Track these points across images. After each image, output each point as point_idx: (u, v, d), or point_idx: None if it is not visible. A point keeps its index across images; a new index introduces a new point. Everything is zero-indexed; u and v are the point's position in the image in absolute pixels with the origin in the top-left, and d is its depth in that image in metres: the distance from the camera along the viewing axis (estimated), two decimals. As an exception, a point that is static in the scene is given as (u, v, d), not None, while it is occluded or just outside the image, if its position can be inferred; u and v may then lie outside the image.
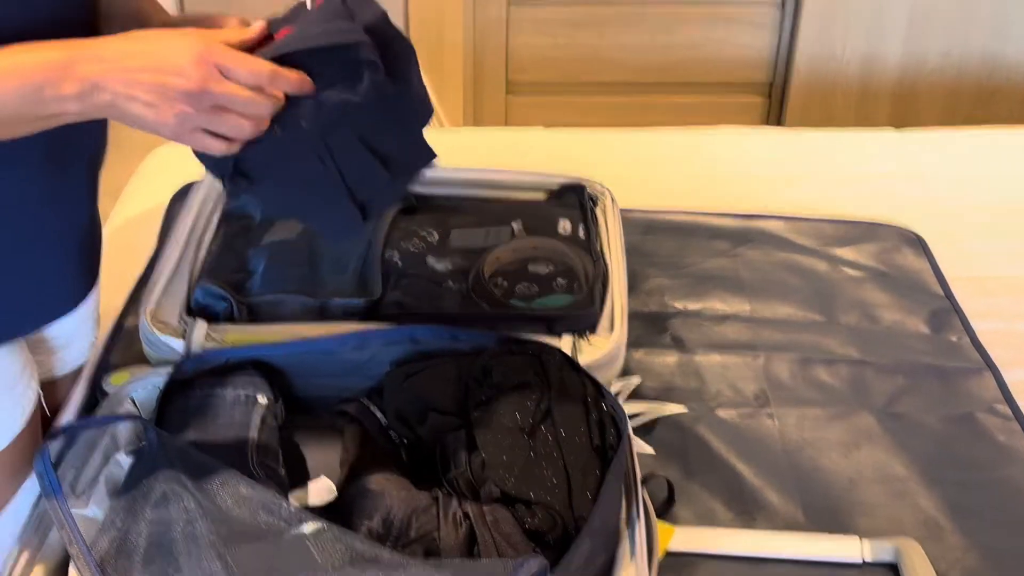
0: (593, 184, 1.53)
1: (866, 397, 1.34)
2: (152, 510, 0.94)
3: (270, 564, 0.89)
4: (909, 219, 1.69)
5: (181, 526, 0.92)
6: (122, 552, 0.92)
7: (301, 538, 0.91)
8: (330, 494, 1.05)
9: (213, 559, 0.89)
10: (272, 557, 0.90)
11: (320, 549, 0.90)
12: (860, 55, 2.46)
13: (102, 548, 0.92)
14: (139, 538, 0.93)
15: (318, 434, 1.16)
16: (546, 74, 2.51)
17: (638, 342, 1.40)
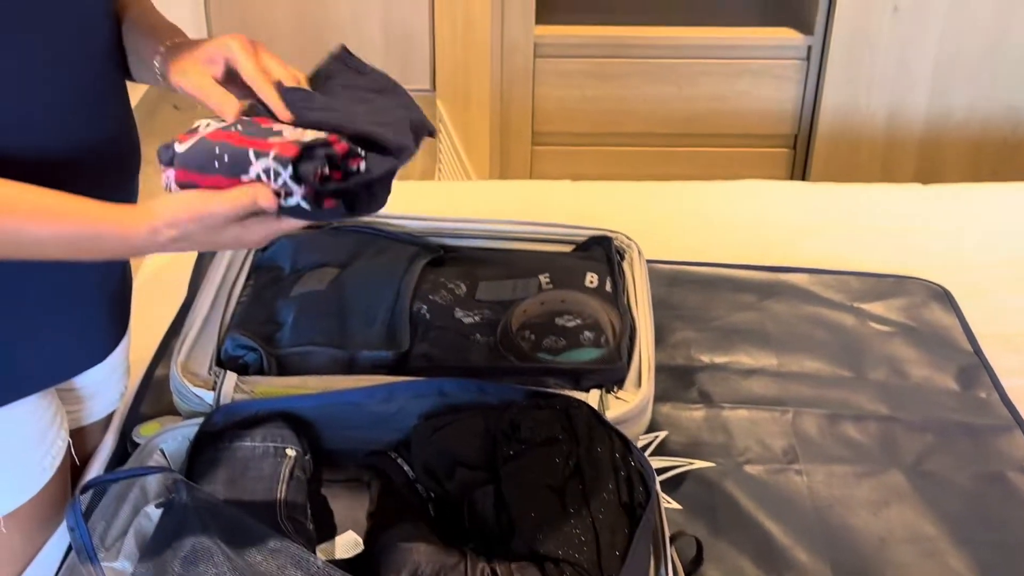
0: (619, 237, 1.54)
1: (895, 454, 1.33)
2: (181, 565, 0.94)
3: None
4: (936, 273, 1.69)
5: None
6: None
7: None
8: (357, 548, 1.05)
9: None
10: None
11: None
12: (885, 108, 2.47)
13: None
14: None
15: (345, 487, 1.16)
16: (571, 125, 2.52)
17: (665, 396, 1.40)
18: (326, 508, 1.13)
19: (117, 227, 0.91)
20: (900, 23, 2.38)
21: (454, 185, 2.44)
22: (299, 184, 0.89)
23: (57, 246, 0.91)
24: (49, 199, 0.90)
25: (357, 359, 1.28)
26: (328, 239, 1.48)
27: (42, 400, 1.09)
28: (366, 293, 1.37)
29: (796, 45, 2.45)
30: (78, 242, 0.91)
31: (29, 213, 0.89)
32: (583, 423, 1.09)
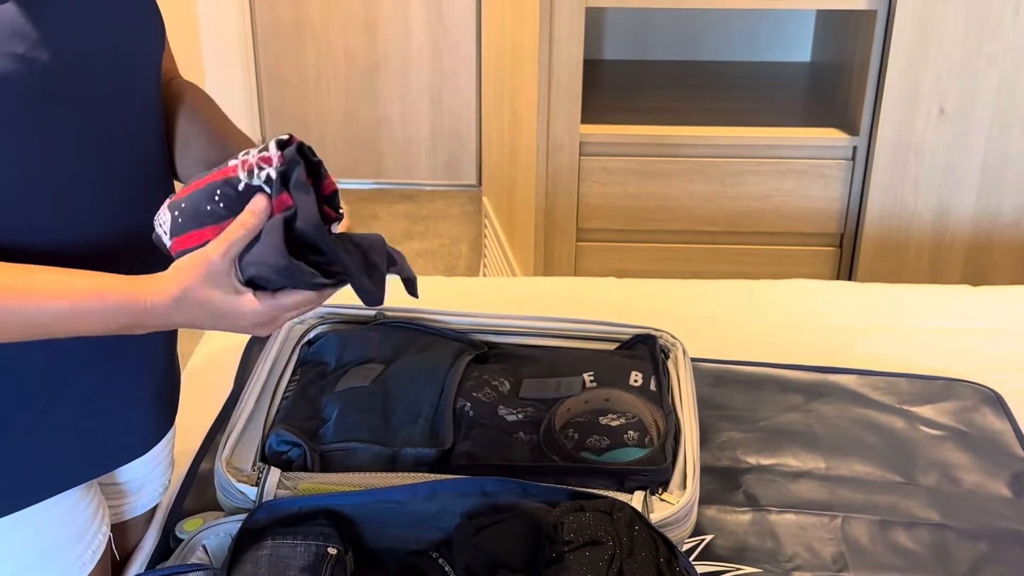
0: (664, 335, 1.53)
1: (948, 563, 1.30)
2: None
3: None
4: (988, 377, 1.66)
5: None
6: None
7: None
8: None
9: None
10: None
11: None
12: (932, 209, 2.47)
13: None
14: None
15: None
16: (616, 222, 2.54)
17: (710, 498, 1.38)
18: (366, 608, 1.12)
19: (127, 296, 0.91)
20: (946, 124, 2.39)
21: (499, 281, 2.45)
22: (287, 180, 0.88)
23: (68, 319, 0.91)
24: (64, 276, 0.91)
25: (400, 456, 1.28)
26: (373, 335, 1.49)
27: (85, 493, 1.10)
28: (410, 390, 1.37)
29: (842, 145, 2.46)
30: (87, 314, 0.91)
31: (43, 293, 0.90)
32: (626, 525, 1.08)
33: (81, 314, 0.91)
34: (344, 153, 4.09)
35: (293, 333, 1.50)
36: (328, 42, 3.95)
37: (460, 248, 3.66)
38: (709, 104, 2.68)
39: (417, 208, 3.95)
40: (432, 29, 3.91)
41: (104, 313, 0.91)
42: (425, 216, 3.88)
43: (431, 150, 4.07)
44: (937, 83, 2.35)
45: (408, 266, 0.98)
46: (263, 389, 1.37)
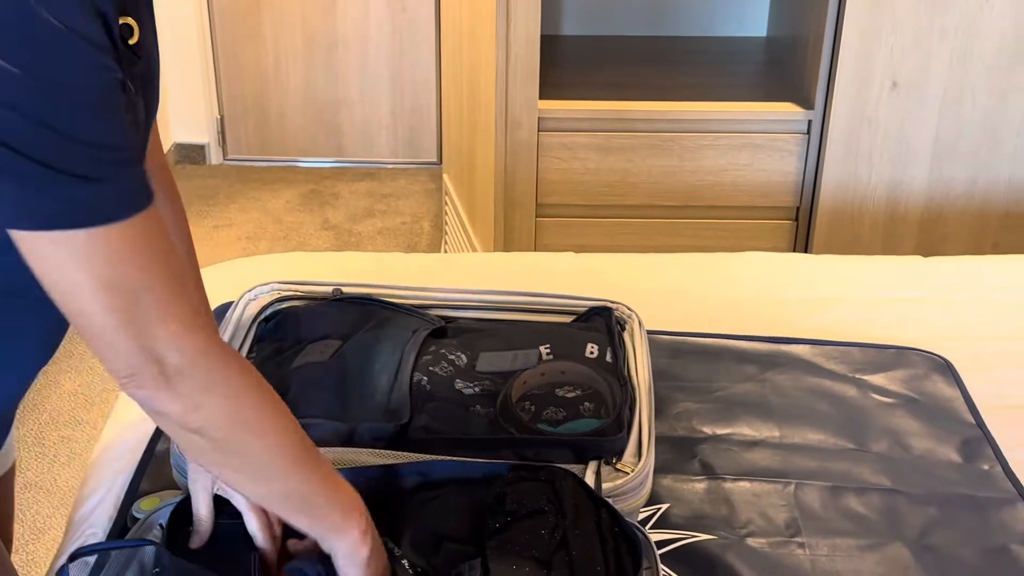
0: (620, 307, 1.54)
1: (899, 527, 1.32)
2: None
3: None
4: (938, 345, 1.69)
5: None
6: None
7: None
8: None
9: None
10: None
11: None
12: (886, 181, 2.50)
13: None
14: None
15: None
16: (575, 198, 2.55)
17: (666, 468, 1.39)
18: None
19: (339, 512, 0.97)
20: (899, 98, 2.42)
21: (458, 257, 2.46)
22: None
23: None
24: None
25: (358, 431, 1.28)
26: (330, 311, 1.49)
27: None
28: (367, 365, 1.38)
29: (797, 119, 2.48)
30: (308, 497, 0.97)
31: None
32: (569, 494, 1.08)
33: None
34: (304, 132, 4.07)
35: (249, 310, 1.50)
36: (286, 21, 3.92)
37: (422, 225, 3.66)
38: (667, 79, 2.69)
39: (378, 186, 3.94)
40: (391, 7, 3.89)
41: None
42: (386, 194, 3.88)
43: (391, 128, 4.06)
44: (890, 57, 2.38)
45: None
46: (219, 366, 1.36)
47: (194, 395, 0.86)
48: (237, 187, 3.91)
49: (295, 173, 4.02)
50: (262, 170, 4.04)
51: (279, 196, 3.85)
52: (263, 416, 0.92)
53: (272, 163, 4.09)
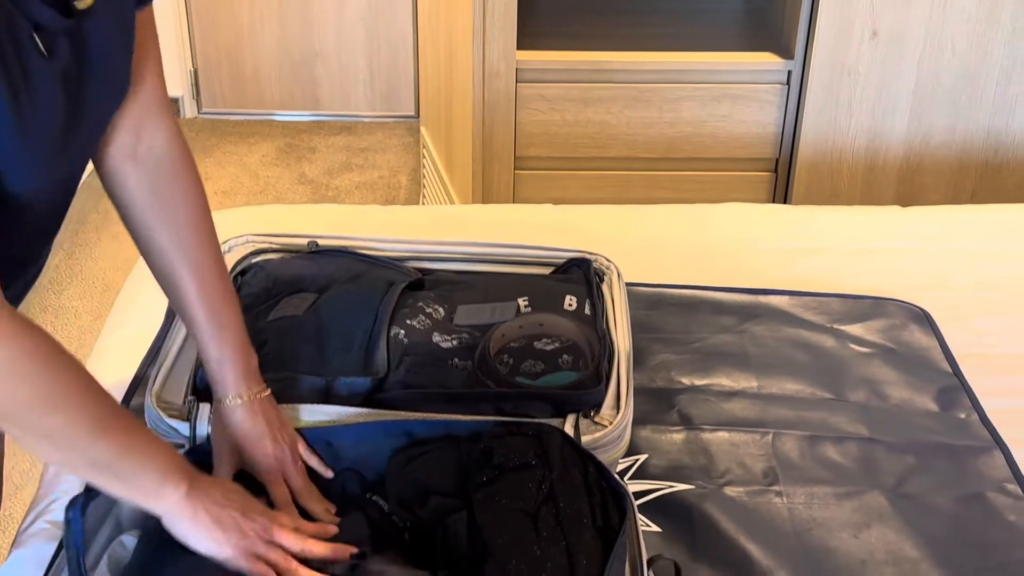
0: (599, 259, 1.54)
1: (876, 476, 1.33)
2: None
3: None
4: (916, 295, 1.69)
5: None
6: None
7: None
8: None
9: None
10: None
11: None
12: (865, 132, 2.49)
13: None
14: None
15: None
16: (554, 150, 2.53)
17: (645, 419, 1.39)
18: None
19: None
20: (878, 48, 2.40)
21: (436, 209, 2.44)
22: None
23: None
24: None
25: (334, 386, 1.27)
26: (306, 264, 1.47)
27: None
28: (343, 319, 1.37)
29: (776, 70, 2.46)
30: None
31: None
32: (556, 449, 1.08)
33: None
34: (280, 86, 4.02)
35: (224, 264, 1.48)
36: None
37: (399, 179, 3.63)
38: (646, 30, 2.66)
39: (355, 140, 3.90)
40: (366, -44, 3.83)
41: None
42: (364, 148, 3.84)
43: (368, 81, 4.01)
44: (870, 6, 2.36)
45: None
46: (194, 321, 1.35)
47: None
48: (212, 141, 3.86)
49: (271, 127, 3.97)
50: (237, 124, 3.99)
51: (255, 150, 3.81)
52: (54, 393, 0.89)
53: (248, 117, 4.03)
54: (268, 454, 1.11)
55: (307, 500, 1.12)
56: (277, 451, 1.12)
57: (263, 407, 1.13)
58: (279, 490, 1.11)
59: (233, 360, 1.12)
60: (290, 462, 1.12)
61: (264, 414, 1.13)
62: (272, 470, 1.11)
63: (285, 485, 1.12)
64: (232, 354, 1.12)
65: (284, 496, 1.11)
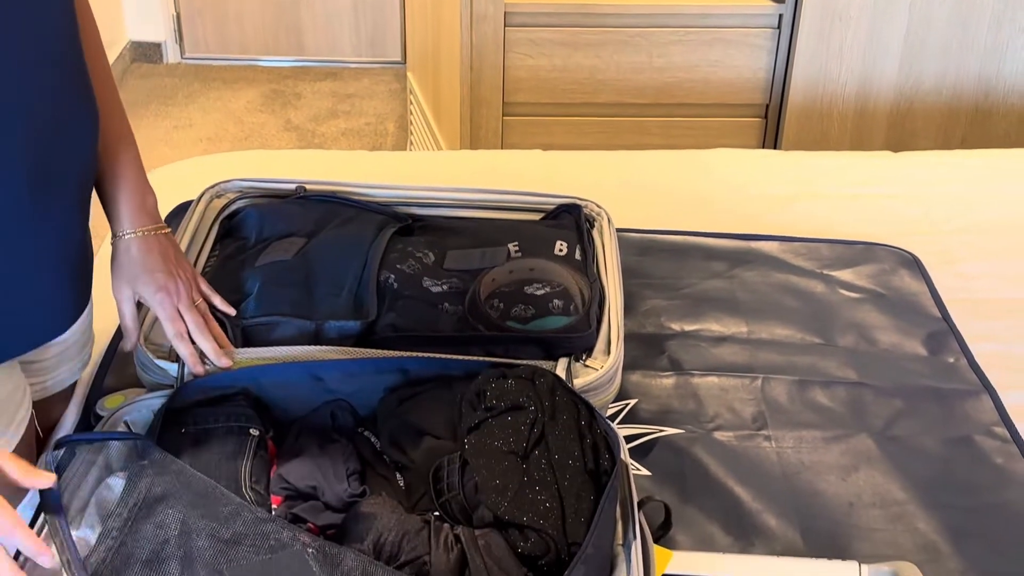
0: (590, 204, 1.53)
1: (864, 419, 1.34)
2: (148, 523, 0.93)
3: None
4: (906, 240, 1.69)
5: (177, 536, 0.92)
6: (117, 563, 0.91)
7: (301, 552, 0.91)
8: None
9: (212, 571, 0.89)
10: (270, 567, 0.89)
11: (320, 563, 0.90)
12: (856, 77, 2.47)
13: (97, 560, 0.92)
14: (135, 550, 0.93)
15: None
16: (542, 96, 2.51)
17: (635, 364, 1.39)
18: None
19: None
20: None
21: (425, 155, 2.42)
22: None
23: None
24: None
25: (323, 329, 1.26)
26: (295, 209, 1.46)
27: (5, 372, 1.08)
28: (333, 263, 1.36)
29: (768, 13, 2.44)
30: None
31: None
32: (548, 392, 1.08)
33: None
34: (263, 30, 3.97)
35: (212, 207, 1.47)
36: (242, -88, 3.79)
37: (386, 126, 3.60)
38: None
39: (342, 86, 3.86)
40: (351, -103, 3.76)
41: None
42: (350, 94, 3.80)
43: (354, 26, 3.97)
44: (863, -51, 2.33)
45: None
46: (181, 265, 1.34)
47: None
48: (196, 87, 3.82)
49: (255, 72, 3.93)
50: (221, 69, 3.95)
51: (240, 96, 3.77)
52: None
53: (232, 62, 3.99)
54: (161, 286, 1.13)
55: (201, 336, 1.14)
56: (171, 284, 1.13)
57: (159, 242, 1.15)
58: (174, 326, 1.13)
59: (128, 197, 1.14)
60: (186, 296, 1.14)
61: (160, 249, 1.14)
62: (166, 304, 1.13)
63: (181, 321, 1.14)
64: (126, 191, 1.14)
65: (180, 331, 1.13)
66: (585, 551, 0.93)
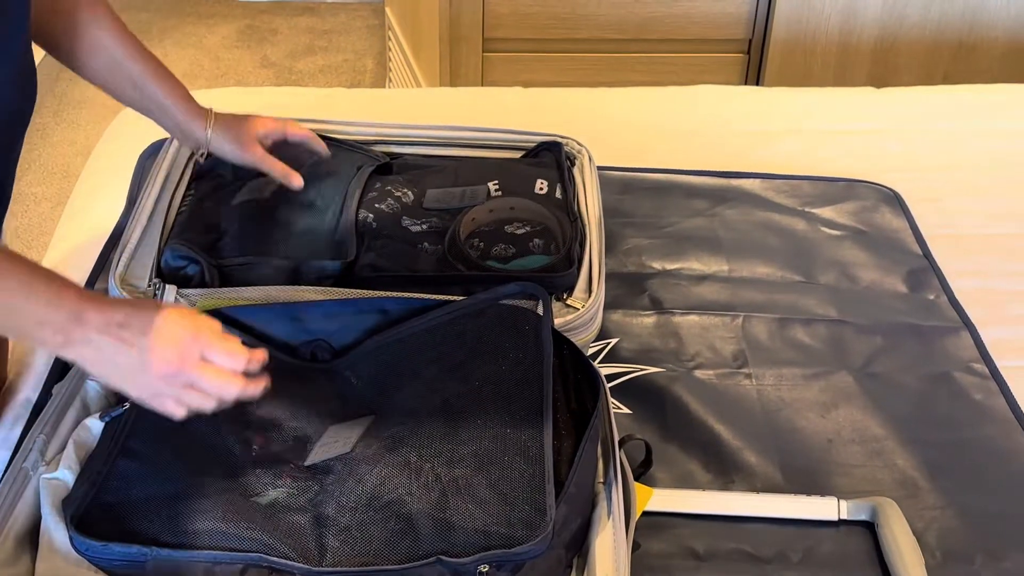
0: (570, 142, 1.51)
1: (844, 357, 1.34)
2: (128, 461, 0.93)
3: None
4: (889, 177, 1.68)
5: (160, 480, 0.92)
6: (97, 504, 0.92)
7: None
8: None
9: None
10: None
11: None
12: (839, 11, 2.44)
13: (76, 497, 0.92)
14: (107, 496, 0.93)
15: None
16: (523, 32, 2.47)
17: (616, 303, 1.39)
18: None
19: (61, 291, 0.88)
20: (856, -77, 2.34)
21: (404, 92, 2.38)
22: None
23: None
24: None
25: (302, 269, 1.25)
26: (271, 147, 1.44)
27: None
28: (311, 202, 1.34)
29: (751, -53, 2.40)
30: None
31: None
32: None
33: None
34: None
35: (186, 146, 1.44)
36: None
37: (365, 63, 3.55)
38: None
39: (319, 22, 3.80)
40: None
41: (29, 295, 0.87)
42: (327, 30, 3.74)
43: (331, -40, 3.89)
44: None
45: None
46: (156, 203, 1.32)
47: None
48: (171, 21, 3.74)
49: (230, 7, 3.85)
50: (196, 3, 3.87)
51: (215, 32, 3.70)
52: None
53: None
54: (267, 122, 1.30)
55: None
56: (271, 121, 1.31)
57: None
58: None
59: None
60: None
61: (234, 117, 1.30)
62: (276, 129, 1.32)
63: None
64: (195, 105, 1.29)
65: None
66: (567, 490, 0.93)
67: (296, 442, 1.03)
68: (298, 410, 1.06)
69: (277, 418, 1.06)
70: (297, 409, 1.06)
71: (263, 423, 1.05)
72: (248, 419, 1.04)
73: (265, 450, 1.02)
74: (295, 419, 1.06)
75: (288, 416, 1.06)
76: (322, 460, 0.99)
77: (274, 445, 1.03)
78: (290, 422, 1.05)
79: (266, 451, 1.02)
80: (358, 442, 1.01)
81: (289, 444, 1.03)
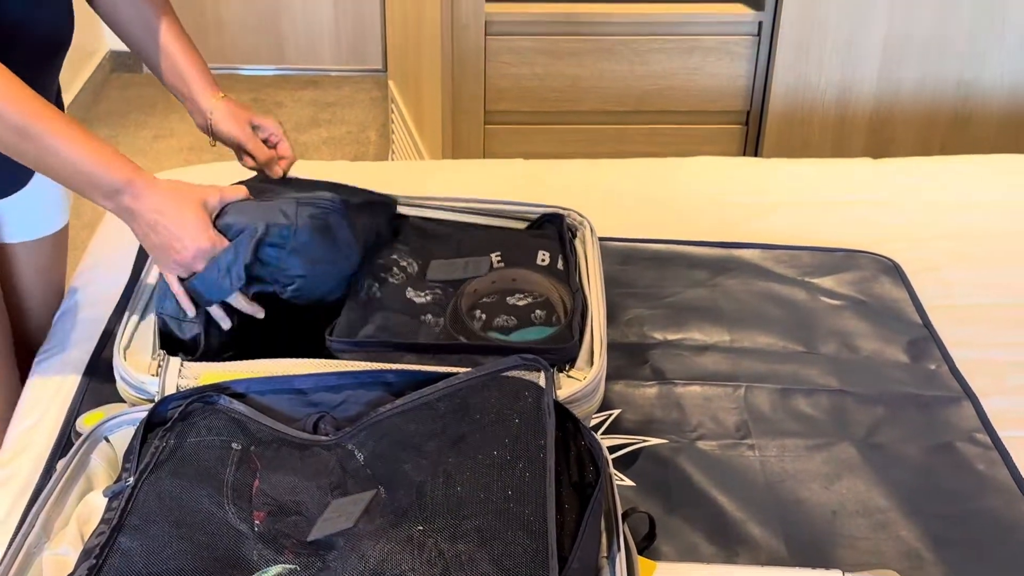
0: (572, 214, 1.53)
1: (846, 427, 1.34)
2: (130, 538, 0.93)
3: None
4: (887, 247, 1.70)
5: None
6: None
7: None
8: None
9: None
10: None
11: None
12: (836, 84, 2.48)
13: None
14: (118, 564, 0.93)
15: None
16: (524, 104, 2.51)
17: (618, 374, 1.39)
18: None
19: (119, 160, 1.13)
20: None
21: (406, 164, 2.42)
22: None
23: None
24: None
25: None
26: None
27: None
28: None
29: (747, 21, 2.45)
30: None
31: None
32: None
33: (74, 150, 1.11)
34: (243, 38, 3.96)
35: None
36: (222, -80, 3.78)
37: (368, 135, 3.60)
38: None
39: (322, 95, 3.85)
40: (331, -94, 3.76)
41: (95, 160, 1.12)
42: (331, 103, 3.80)
43: (334, 34, 3.96)
44: (841, -44, 2.35)
45: None
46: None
47: None
48: (177, 96, 3.80)
49: (236, 81, 3.92)
50: (202, 78, 3.93)
51: (221, 105, 3.75)
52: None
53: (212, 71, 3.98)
54: (267, 121, 1.44)
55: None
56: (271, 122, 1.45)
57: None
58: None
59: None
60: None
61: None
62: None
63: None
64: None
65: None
66: (571, 565, 0.92)
67: (298, 517, 1.03)
68: (300, 484, 1.06)
69: (279, 493, 1.05)
70: (299, 483, 1.06)
71: (265, 498, 1.05)
72: (250, 494, 1.04)
73: (267, 525, 1.02)
74: (297, 493, 1.05)
75: (290, 491, 1.05)
76: (325, 535, 0.99)
77: (276, 520, 1.02)
78: (292, 496, 1.05)
79: (268, 526, 1.01)
80: (360, 517, 1.00)
81: (291, 519, 1.03)
